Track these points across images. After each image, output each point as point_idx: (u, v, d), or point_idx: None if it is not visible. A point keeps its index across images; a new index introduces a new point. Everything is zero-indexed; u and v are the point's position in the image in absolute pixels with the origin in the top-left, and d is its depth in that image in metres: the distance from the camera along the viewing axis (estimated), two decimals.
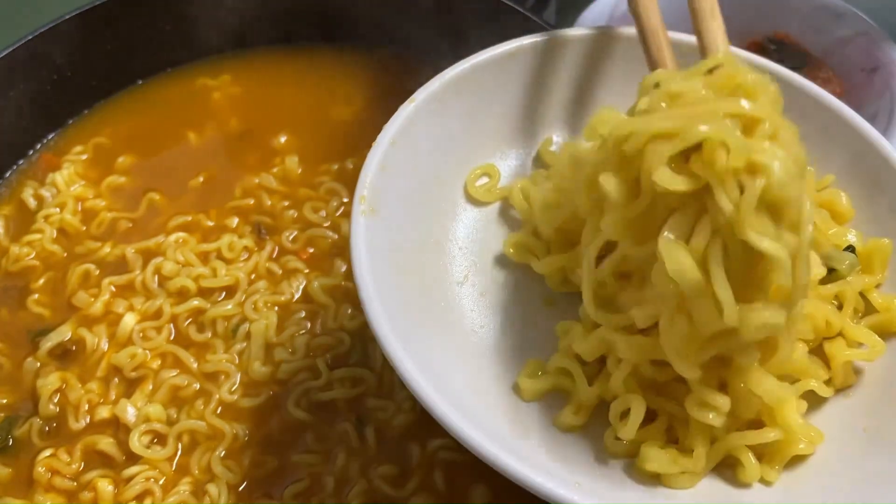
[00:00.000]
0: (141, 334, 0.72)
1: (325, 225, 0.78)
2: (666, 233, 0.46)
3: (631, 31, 0.64)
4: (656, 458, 0.51)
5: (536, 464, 0.49)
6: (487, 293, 0.61)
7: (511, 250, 0.62)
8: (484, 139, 0.66)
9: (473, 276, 0.61)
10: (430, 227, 0.62)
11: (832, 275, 0.57)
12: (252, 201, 0.80)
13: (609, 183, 0.48)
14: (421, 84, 0.63)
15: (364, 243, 0.55)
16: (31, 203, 0.81)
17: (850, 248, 0.59)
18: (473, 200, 0.65)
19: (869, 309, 0.58)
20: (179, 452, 0.66)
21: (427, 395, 0.49)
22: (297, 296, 0.74)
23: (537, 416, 0.55)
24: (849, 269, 0.57)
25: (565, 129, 0.69)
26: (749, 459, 0.51)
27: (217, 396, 0.68)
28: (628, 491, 0.51)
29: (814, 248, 0.57)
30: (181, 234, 0.77)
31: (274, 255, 0.76)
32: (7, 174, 0.84)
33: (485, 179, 0.66)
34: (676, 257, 0.45)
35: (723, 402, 0.50)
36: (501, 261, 0.63)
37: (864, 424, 0.53)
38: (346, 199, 0.80)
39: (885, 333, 0.57)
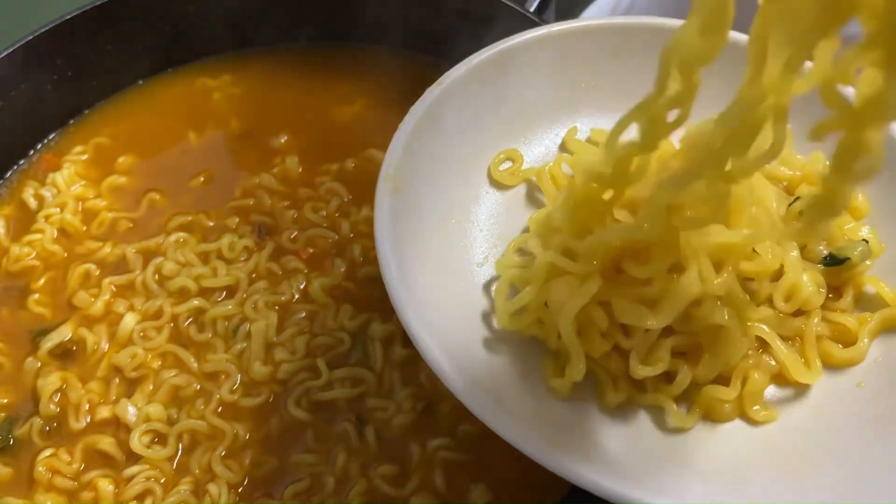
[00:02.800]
0: (141, 334, 0.72)
1: (325, 225, 0.78)
2: None
3: (655, 20, 0.65)
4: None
5: (556, 442, 0.49)
6: None
7: (534, 227, 0.62)
8: (508, 124, 0.67)
9: (493, 257, 0.62)
10: (453, 208, 0.62)
11: (845, 263, 0.58)
12: (252, 201, 0.80)
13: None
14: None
15: (388, 221, 0.56)
16: (32, 203, 0.81)
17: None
18: (496, 184, 0.65)
19: (881, 303, 0.58)
20: (180, 452, 0.66)
21: (449, 376, 0.50)
22: (297, 296, 0.74)
23: (544, 393, 0.55)
24: (860, 257, 0.57)
25: (590, 117, 0.69)
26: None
27: (217, 396, 0.68)
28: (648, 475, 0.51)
29: (828, 241, 0.58)
30: (181, 234, 0.77)
31: (274, 255, 0.76)
32: (7, 174, 0.84)
33: (508, 164, 0.66)
34: None
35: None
36: None
37: (875, 413, 0.54)
38: (346, 199, 0.80)
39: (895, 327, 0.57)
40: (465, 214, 0.63)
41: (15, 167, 0.84)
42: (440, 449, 0.65)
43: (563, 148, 0.68)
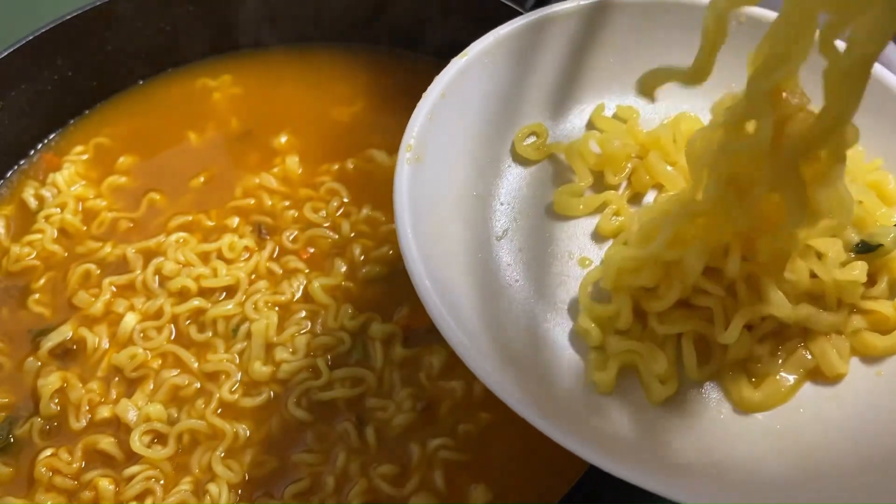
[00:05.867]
0: (141, 334, 0.72)
1: (326, 225, 0.78)
2: None
3: None
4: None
5: (573, 423, 0.49)
6: (525, 249, 0.61)
7: (560, 199, 0.62)
8: (533, 98, 0.66)
9: (513, 231, 0.61)
10: (474, 180, 0.62)
11: (878, 250, 0.56)
12: (252, 201, 0.80)
13: None
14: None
15: (407, 190, 0.55)
16: (32, 203, 0.81)
17: None
18: (519, 158, 0.64)
19: None
20: (180, 452, 0.66)
21: (469, 353, 0.49)
22: (297, 296, 0.74)
23: (552, 367, 0.55)
24: (894, 242, 0.56)
25: (618, 94, 0.68)
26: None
27: (217, 396, 0.68)
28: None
29: (859, 229, 0.57)
30: (182, 234, 0.77)
31: (274, 255, 0.76)
32: (8, 174, 0.84)
33: (532, 138, 0.65)
34: None
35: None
36: (541, 219, 0.63)
37: (893, 405, 0.53)
38: (346, 200, 0.80)
39: None
40: (486, 188, 0.62)
41: (15, 167, 0.84)
42: (440, 449, 0.65)
43: (590, 125, 0.67)
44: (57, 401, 0.68)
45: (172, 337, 0.72)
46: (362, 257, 0.76)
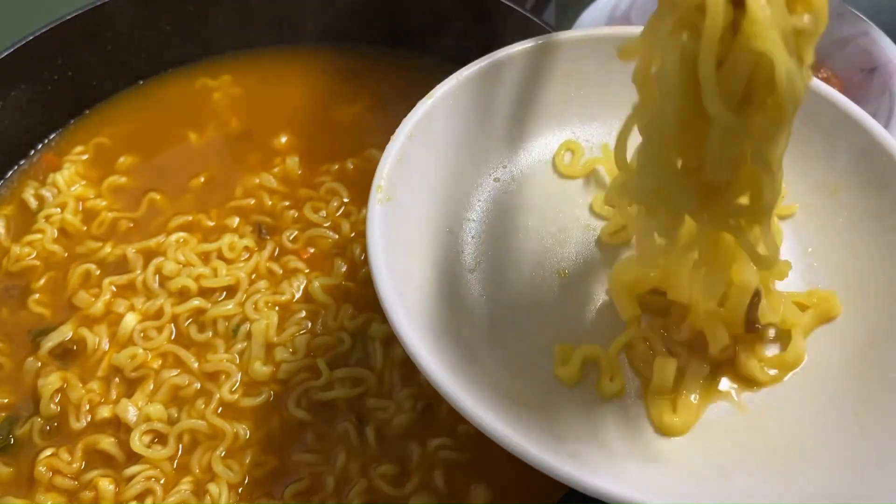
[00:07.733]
0: (142, 334, 0.72)
1: (326, 225, 0.79)
2: None
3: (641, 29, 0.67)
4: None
5: (537, 438, 0.51)
6: (496, 281, 0.63)
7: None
8: (499, 135, 0.68)
9: (484, 263, 0.63)
10: (444, 216, 0.64)
11: None
12: (253, 201, 0.80)
13: None
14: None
15: (379, 229, 0.57)
16: (32, 203, 0.81)
17: None
18: (488, 193, 0.66)
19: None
20: (180, 452, 0.66)
21: (441, 380, 0.51)
22: (297, 296, 0.74)
23: (537, 395, 0.56)
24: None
25: (581, 126, 0.70)
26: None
27: (218, 396, 0.68)
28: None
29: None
30: (182, 234, 0.77)
31: (274, 255, 0.77)
32: (8, 174, 0.84)
33: (500, 172, 0.67)
34: None
35: None
36: (512, 251, 0.64)
37: (854, 409, 0.55)
38: (346, 200, 0.80)
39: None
40: (456, 223, 0.64)
41: (15, 167, 0.84)
42: (440, 449, 0.65)
43: (553, 163, 0.69)
44: (57, 401, 0.68)
45: (172, 337, 0.72)
46: (363, 257, 0.76)
